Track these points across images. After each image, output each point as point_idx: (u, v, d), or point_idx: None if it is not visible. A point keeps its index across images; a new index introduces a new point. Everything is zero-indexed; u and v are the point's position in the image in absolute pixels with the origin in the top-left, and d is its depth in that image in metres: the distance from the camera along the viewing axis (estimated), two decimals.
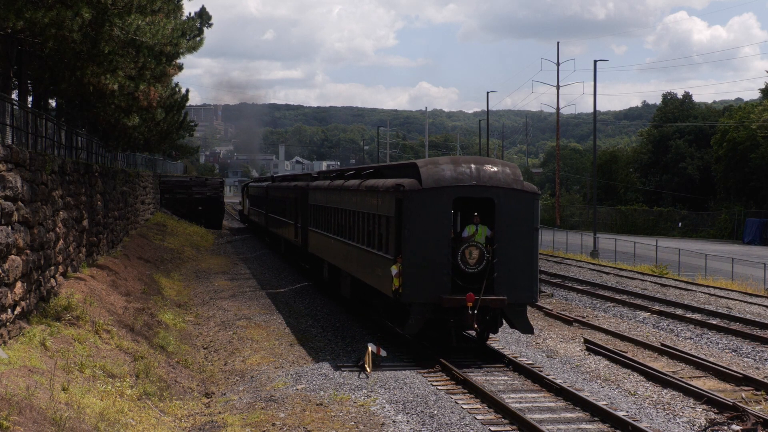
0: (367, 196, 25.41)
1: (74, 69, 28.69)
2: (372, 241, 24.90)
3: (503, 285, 21.87)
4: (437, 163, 22.60)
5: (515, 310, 22.21)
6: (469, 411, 17.92)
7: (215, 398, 20.58)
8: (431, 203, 21.71)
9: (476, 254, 21.86)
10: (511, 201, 21.99)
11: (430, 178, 22.00)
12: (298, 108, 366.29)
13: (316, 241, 35.82)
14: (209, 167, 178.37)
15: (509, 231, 21.91)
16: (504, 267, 21.87)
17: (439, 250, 21.66)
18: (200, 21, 35.68)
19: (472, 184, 22.02)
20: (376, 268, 24.06)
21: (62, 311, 22.52)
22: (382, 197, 23.51)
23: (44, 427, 13.44)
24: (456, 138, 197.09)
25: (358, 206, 26.79)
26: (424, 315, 21.86)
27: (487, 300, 21.64)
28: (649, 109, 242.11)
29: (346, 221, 28.91)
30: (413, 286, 21.69)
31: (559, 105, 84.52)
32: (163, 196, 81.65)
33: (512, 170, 22.59)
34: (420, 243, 21.65)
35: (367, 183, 26.05)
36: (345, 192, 29.07)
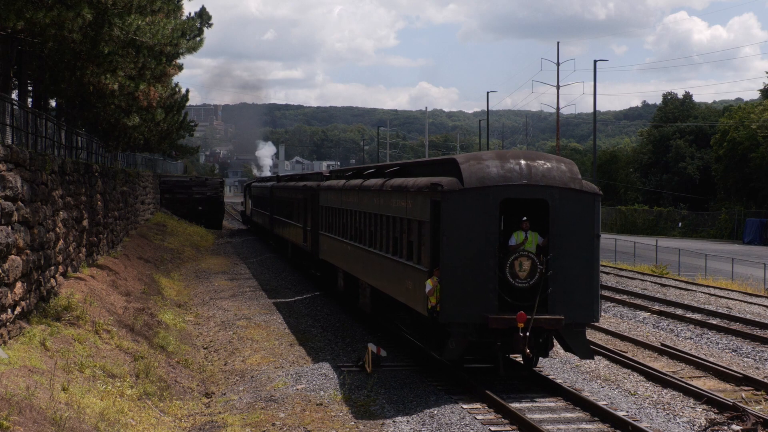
0: (394, 198, 22.57)
1: (74, 69, 28.73)
2: (399, 249, 22.17)
3: (559, 302, 18.89)
4: (480, 159, 19.52)
5: (573, 332, 19.22)
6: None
7: (215, 398, 20.58)
8: (475, 206, 18.72)
9: (527, 266, 18.89)
10: (568, 203, 19.00)
11: (472, 176, 18.93)
12: (299, 108, 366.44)
13: (329, 246, 32.92)
14: (209, 167, 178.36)
15: (566, 238, 18.96)
16: (560, 281, 18.89)
17: (483, 262, 18.65)
18: (200, 21, 35.68)
19: (522, 183, 18.98)
20: (405, 281, 21.28)
21: (62, 311, 22.53)
22: (414, 199, 20.70)
23: (44, 427, 13.45)
24: (456, 138, 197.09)
25: (381, 209, 23.98)
26: (466, 338, 18.86)
27: (540, 320, 18.65)
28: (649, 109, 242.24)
29: (365, 226, 26.08)
30: (453, 303, 18.63)
31: (559, 105, 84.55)
32: (163, 196, 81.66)
33: (568, 167, 19.59)
34: (461, 253, 18.63)
35: (392, 182, 23.09)
36: (365, 193, 26.08)
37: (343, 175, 32.21)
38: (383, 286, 23.97)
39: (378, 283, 24.61)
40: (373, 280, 25.28)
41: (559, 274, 18.91)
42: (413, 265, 20.59)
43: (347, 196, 28.92)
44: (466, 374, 20.32)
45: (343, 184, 29.96)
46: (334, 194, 31.62)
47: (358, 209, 27.07)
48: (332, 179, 34.73)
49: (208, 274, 46.46)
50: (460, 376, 20.29)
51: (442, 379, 20.58)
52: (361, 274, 26.94)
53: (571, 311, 18.98)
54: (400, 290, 21.94)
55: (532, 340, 19.01)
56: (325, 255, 33.88)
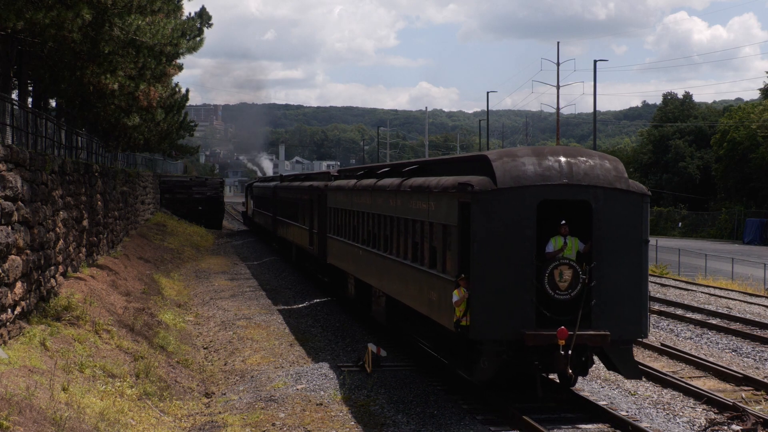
0: (413, 199, 20.74)
1: (74, 69, 28.73)
2: (420, 256, 20.30)
3: (604, 316, 17.09)
4: (515, 156, 17.60)
5: (618, 349, 17.39)
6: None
7: (215, 398, 20.59)
8: (509, 208, 16.88)
9: (569, 275, 17.01)
10: (613, 204, 17.22)
11: (507, 174, 17.10)
12: (299, 108, 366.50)
13: (338, 250, 31.07)
14: (209, 167, 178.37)
15: (611, 244, 17.17)
16: (604, 292, 17.10)
17: (519, 271, 16.81)
18: (200, 21, 35.71)
19: (562, 182, 17.15)
20: (428, 291, 19.41)
21: (62, 311, 22.53)
22: (438, 200, 18.84)
23: (44, 427, 13.45)
24: (456, 138, 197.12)
25: (398, 211, 22.20)
26: (500, 356, 17.02)
27: (584, 336, 16.85)
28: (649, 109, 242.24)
29: (380, 229, 24.33)
30: (485, 317, 16.81)
31: (559, 105, 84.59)
32: (163, 196, 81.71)
33: (613, 164, 17.79)
34: (494, 261, 16.78)
35: (411, 182, 21.27)
36: (379, 193, 24.32)
37: (354, 175, 30.33)
38: (400, 295, 22.17)
39: (394, 292, 22.85)
40: (388, 288, 23.57)
41: (603, 285, 17.12)
42: (437, 273, 18.76)
43: (359, 197, 27.20)
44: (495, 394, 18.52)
45: (354, 184, 28.17)
46: (344, 195, 29.89)
47: (371, 211, 25.40)
48: (341, 179, 33.05)
49: (208, 273, 46.48)
50: (490, 398, 18.51)
51: (468, 398, 19.04)
52: (375, 282, 25.26)
53: (618, 326, 17.16)
54: (420, 301, 20.12)
55: (575, 359, 17.13)
56: (334, 259, 32.21)
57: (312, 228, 37.17)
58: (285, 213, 48.55)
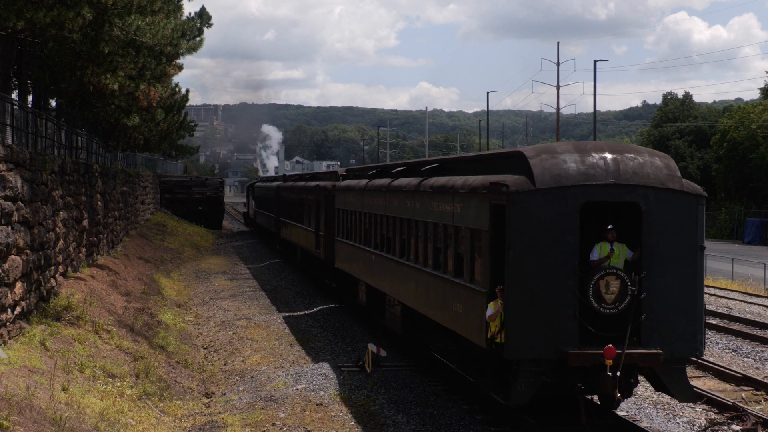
0: (435, 200, 19.08)
1: (74, 69, 28.74)
2: (443, 263, 18.67)
3: (655, 332, 15.37)
4: (554, 152, 15.86)
5: (671, 369, 15.54)
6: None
7: (215, 398, 20.59)
8: (549, 211, 15.19)
9: (616, 287, 15.24)
10: (665, 207, 15.50)
11: (546, 173, 15.37)
12: (299, 108, 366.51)
13: (348, 254, 29.42)
14: (209, 167, 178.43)
15: (663, 251, 15.46)
16: (656, 305, 15.38)
17: (560, 281, 15.16)
18: (200, 21, 35.72)
19: (608, 182, 15.42)
20: (452, 302, 17.81)
21: (62, 311, 22.53)
22: (465, 202, 17.17)
23: (44, 427, 13.45)
24: (456, 138, 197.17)
25: (417, 213, 20.51)
26: (539, 378, 15.23)
27: (633, 355, 15.11)
28: (649, 109, 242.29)
29: (395, 233, 22.71)
30: (522, 334, 15.08)
31: (559, 105, 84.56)
32: (163, 196, 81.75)
33: (664, 161, 16.01)
34: (532, 270, 15.10)
35: (432, 182, 19.56)
36: (394, 194, 22.73)
37: (365, 174, 28.35)
38: (419, 305, 20.51)
39: (412, 302, 21.18)
40: (405, 297, 21.83)
41: (654, 297, 15.39)
42: (463, 283, 17.10)
43: (371, 197, 25.63)
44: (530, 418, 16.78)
45: (366, 184, 26.44)
46: (354, 196, 28.26)
47: (385, 213, 23.76)
48: (350, 179, 31.42)
49: (208, 273, 46.49)
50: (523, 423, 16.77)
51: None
52: (389, 289, 23.65)
53: (670, 344, 15.42)
54: (443, 313, 18.49)
55: (623, 381, 15.30)
56: (343, 264, 30.49)
57: (318, 230, 35.81)
58: (289, 214, 47.12)
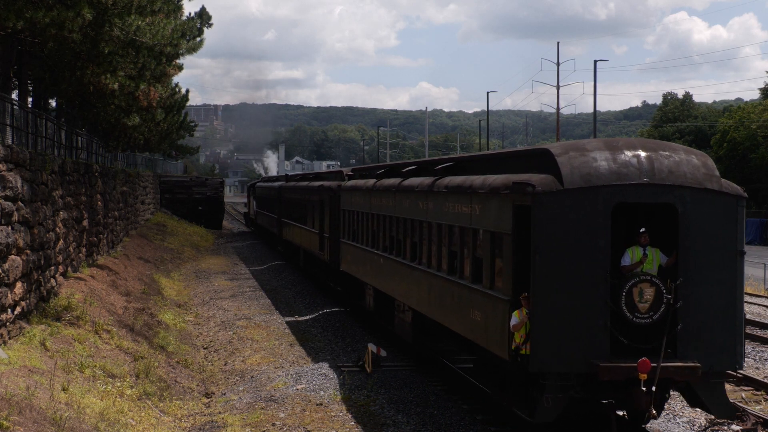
0: (451, 201, 18.04)
1: (74, 69, 28.74)
2: (459, 268, 17.67)
3: (692, 343, 14.35)
4: (583, 150, 14.80)
5: (709, 384, 14.45)
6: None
7: (215, 398, 20.59)
8: (579, 213, 14.16)
9: (650, 295, 14.22)
10: (703, 208, 14.41)
11: (575, 172, 14.33)
12: (299, 108, 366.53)
13: (354, 257, 28.36)
14: (209, 167, 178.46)
15: (701, 256, 14.41)
16: (693, 314, 14.34)
17: (591, 289, 14.11)
18: (200, 21, 35.73)
19: (642, 182, 14.33)
20: (469, 310, 16.84)
21: (62, 311, 22.53)
22: (485, 203, 16.15)
23: (44, 427, 13.45)
24: (456, 138, 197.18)
25: (430, 215, 19.50)
26: (567, 393, 14.20)
27: (669, 369, 14.02)
28: (649, 109, 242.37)
29: (406, 235, 21.73)
30: (549, 346, 14.07)
31: (559, 105, 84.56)
32: (163, 196, 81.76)
33: (701, 160, 14.96)
34: (560, 277, 14.09)
35: (447, 182, 18.53)
36: (405, 194, 21.72)
37: (372, 174, 27.08)
38: (431, 311, 19.57)
39: (424, 308, 20.20)
40: (416, 303, 20.84)
41: (691, 306, 14.34)
42: (482, 290, 16.13)
43: (379, 198, 24.61)
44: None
45: (374, 184, 25.34)
46: (361, 196, 27.26)
47: (395, 215, 22.75)
48: (356, 178, 30.23)
49: (208, 273, 46.48)
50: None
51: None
52: (399, 294, 22.65)
53: (709, 356, 14.35)
54: (459, 320, 17.52)
55: (658, 396, 14.32)
56: (349, 267, 29.48)
57: (322, 232, 34.83)
58: (291, 215, 46.03)
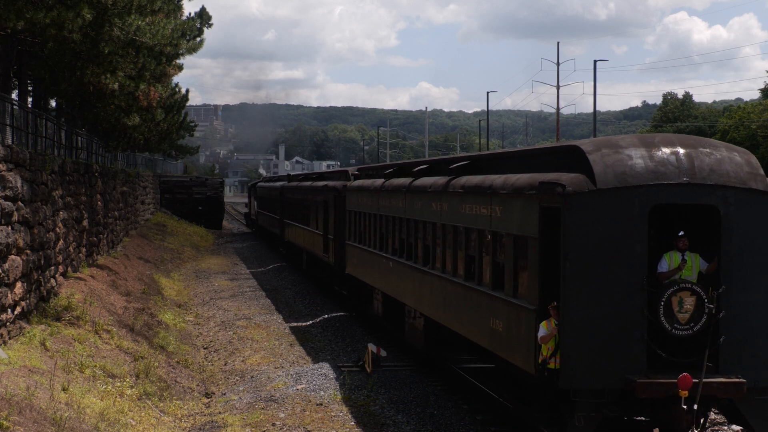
0: (467, 202, 16.93)
1: (74, 69, 28.73)
2: (476, 273, 16.54)
3: (736, 357, 13.10)
4: (617, 147, 13.56)
5: (754, 401, 13.21)
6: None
7: (215, 398, 20.59)
8: (613, 215, 12.94)
9: (691, 304, 13.04)
10: (748, 210, 13.20)
11: (608, 171, 13.10)
12: (299, 108, 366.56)
13: (361, 260, 27.21)
14: (209, 167, 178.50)
15: (745, 262, 13.19)
16: (737, 325, 13.12)
17: (626, 298, 12.93)
18: (200, 21, 35.74)
19: (681, 181, 13.13)
20: (490, 319, 15.71)
21: (62, 311, 22.53)
22: (507, 204, 15.00)
23: (44, 427, 13.45)
24: (456, 138, 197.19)
25: (444, 217, 18.44)
26: (600, 411, 13.00)
27: (712, 385, 12.81)
28: (649, 109, 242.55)
29: (417, 238, 20.66)
30: (581, 359, 12.87)
31: (559, 105, 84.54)
32: (163, 196, 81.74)
33: (744, 158, 13.73)
34: (592, 284, 12.87)
35: (464, 181, 17.42)
36: (417, 195, 20.67)
37: (380, 173, 26.04)
38: (446, 319, 18.53)
39: (437, 315, 19.16)
40: (429, 309, 19.83)
41: (735, 316, 13.10)
42: (504, 297, 15.06)
43: (388, 198, 23.50)
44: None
45: (382, 184, 24.35)
46: (368, 197, 26.13)
47: (405, 216, 21.71)
48: (363, 178, 29.11)
49: (208, 274, 46.48)
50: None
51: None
52: (410, 300, 21.57)
53: (754, 371, 13.09)
54: (478, 330, 16.46)
55: (700, 414, 13.13)
56: (355, 270, 28.30)
57: (327, 233, 33.60)
58: (294, 216, 44.57)
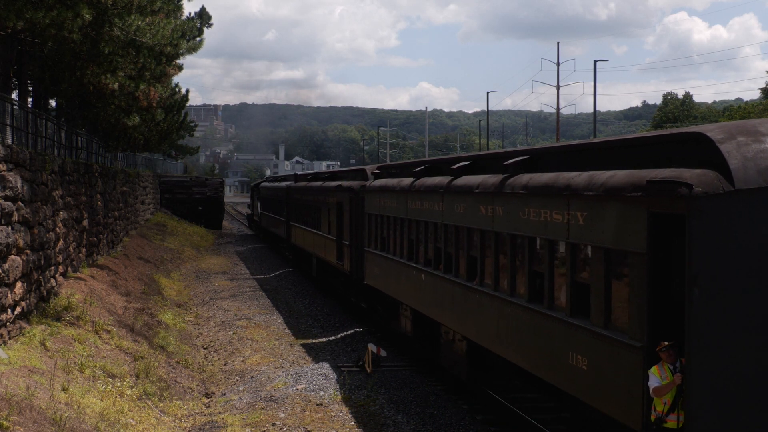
0: (533, 206, 13.87)
1: (74, 69, 28.74)
2: (547, 294, 13.48)
3: None
4: (756, 134, 10.24)
5: None
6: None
7: (215, 398, 20.59)
8: (759, 223, 9.70)
9: None
10: None
11: (749, 165, 9.83)
12: (299, 108, 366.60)
13: (384, 270, 24.35)
14: (209, 167, 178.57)
15: None
16: None
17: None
18: (200, 21, 35.77)
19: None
20: (568, 353, 12.59)
21: (62, 311, 22.53)
22: (595, 209, 11.82)
23: (44, 427, 13.45)
24: (456, 138, 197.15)
25: (499, 223, 15.42)
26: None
27: None
28: (649, 109, 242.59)
29: (460, 247, 17.72)
30: (719, 420, 9.71)
31: (559, 105, 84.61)
32: (163, 196, 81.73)
33: None
34: (732, 318, 9.66)
35: (527, 180, 14.32)
36: (459, 197, 17.68)
37: (407, 171, 23.18)
38: (499, 347, 15.47)
39: (487, 341, 16.10)
40: (475, 333, 16.83)
41: None
42: (591, 328, 11.93)
43: (420, 200, 20.62)
44: None
45: (411, 184, 21.45)
46: (394, 198, 23.21)
47: (442, 221, 18.82)
48: (384, 177, 26.05)
49: (208, 274, 46.47)
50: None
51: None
52: (450, 321, 18.61)
53: None
54: (547, 364, 13.40)
55: None
56: (376, 281, 25.43)
57: (341, 238, 30.82)
58: (302, 218, 41.71)
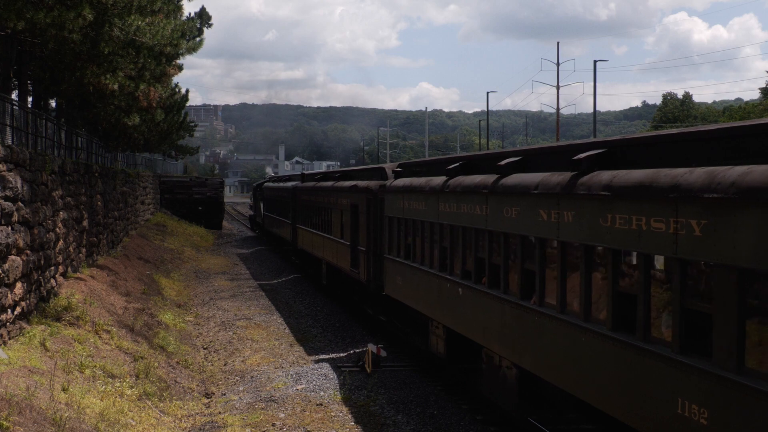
0: (619, 212, 11.32)
1: (74, 69, 28.74)
2: (641, 322, 10.91)
3: None
4: None
5: None
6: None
7: (215, 398, 20.59)
8: None
9: None
10: None
11: None
12: (299, 108, 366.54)
13: (409, 281, 21.85)
14: (209, 167, 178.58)
15: None
16: None
17: None
18: (200, 21, 35.77)
19: None
20: (677, 399, 10.03)
21: (62, 311, 22.53)
22: (724, 216, 9.17)
23: (44, 427, 13.45)
24: (456, 138, 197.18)
25: (566, 231, 12.93)
26: None
27: None
28: (649, 109, 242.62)
29: (510, 258, 15.51)
30: None
31: (559, 105, 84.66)
32: (163, 196, 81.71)
33: None
34: None
35: (606, 179, 11.79)
36: (510, 198, 15.28)
37: (438, 169, 20.51)
38: (568, 382, 13.02)
39: (551, 374, 13.65)
40: (533, 363, 14.41)
41: None
42: (711, 370, 9.43)
43: (456, 202, 18.13)
44: None
45: (444, 183, 18.99)
46: (421, 199, 20.70)
47: (486, 227, 16.43)
48: (407, 176, 23.37)
49: (208, 274, 46.48)
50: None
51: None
52: (495, 344, 16.13)
53: None
54: (643, 411, 10.80)
55: None
56: (399, 293, 22.94)
57: (356, 244, 28.39)
58: (310, 221, 39.17)
